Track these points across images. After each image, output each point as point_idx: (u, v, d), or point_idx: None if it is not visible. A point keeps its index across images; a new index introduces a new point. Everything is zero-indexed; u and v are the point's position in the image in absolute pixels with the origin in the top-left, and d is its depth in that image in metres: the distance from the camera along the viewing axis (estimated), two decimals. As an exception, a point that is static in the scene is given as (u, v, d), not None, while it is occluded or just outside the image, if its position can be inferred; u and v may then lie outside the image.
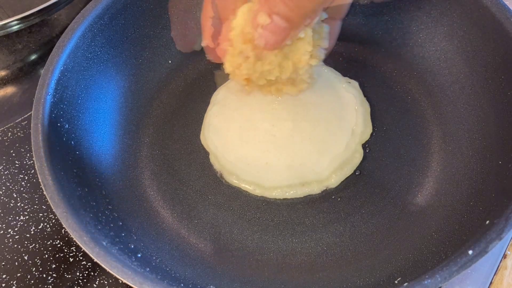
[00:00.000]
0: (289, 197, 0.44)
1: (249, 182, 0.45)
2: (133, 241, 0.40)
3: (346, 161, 0.45)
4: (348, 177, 0.45)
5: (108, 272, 0.34)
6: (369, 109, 0.48)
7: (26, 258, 0.44)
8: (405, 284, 0.32)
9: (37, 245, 0.45)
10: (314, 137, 0.45)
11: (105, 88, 0.48)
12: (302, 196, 0.44)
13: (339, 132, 0.46)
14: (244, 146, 0.45)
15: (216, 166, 0.47)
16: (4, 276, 0.43)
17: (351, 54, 0.53)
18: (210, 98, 0.50)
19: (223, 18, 0.40)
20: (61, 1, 0.57)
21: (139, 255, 0.39)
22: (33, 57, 0.60)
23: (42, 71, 0.43)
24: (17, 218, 0.47)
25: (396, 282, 0.37)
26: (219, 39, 0.41)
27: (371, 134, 0.47)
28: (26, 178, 0.49)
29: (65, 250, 0.45)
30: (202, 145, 0.48)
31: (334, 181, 0.45)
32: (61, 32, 0.48)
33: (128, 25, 0.49)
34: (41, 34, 0.61)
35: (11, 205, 0.47)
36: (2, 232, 0.46)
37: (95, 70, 0.47)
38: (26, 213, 0.47)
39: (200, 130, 0.49)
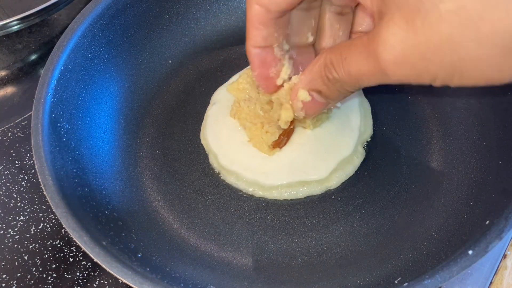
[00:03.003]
0: (289, 198, 0.44)
1: (249, 182, 0.45)
2: (133, 241, 0.40)
3: (346, 161, 0.45)
4: (348, 177, 0.45)
5: (108, 272, 0.34)
6: (369, 109, 0.48)
7: (26, 258, 0.44)
8: (405, 284, 0.32)
9: (37, 245, 0.45)
10: (314, 138, 0.45)
11: (105, 88, 0.48)
12: (302, 196, 0.44)
13: (340, 132, 0.46)
14: (244, 146, 0.45)
15: (216, 166, 0.47)
16: (4, 276, 0.43)
17: (351, 54, 0.52)
18: (210, 98, 0.50)
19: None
20: (61, 1, 0.57)
21: (139, 255, 0.39)
22: (33, 57, 0.60)
23: (42, 71, 0.43)
24: (17, 218, 0.47)
25: (396, 282, 0.37)
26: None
27: (371, 134, 0.47)
28: (26, 178, 0.49)
29: (65, 250, 0.45)
30: (202, 145, 0.48)
31: (334, 182, 0.44)
32: (61, 32, 0.48)
33: (128, 25, 0.49)
34: (41, 34, 0.61)
35: (11, 205, 0.47)
36: (2, 232, 0.46)
37: (95, 70, 0.47)
38: (26, 213, 0.47)
39: (200, 130, 0.49)
